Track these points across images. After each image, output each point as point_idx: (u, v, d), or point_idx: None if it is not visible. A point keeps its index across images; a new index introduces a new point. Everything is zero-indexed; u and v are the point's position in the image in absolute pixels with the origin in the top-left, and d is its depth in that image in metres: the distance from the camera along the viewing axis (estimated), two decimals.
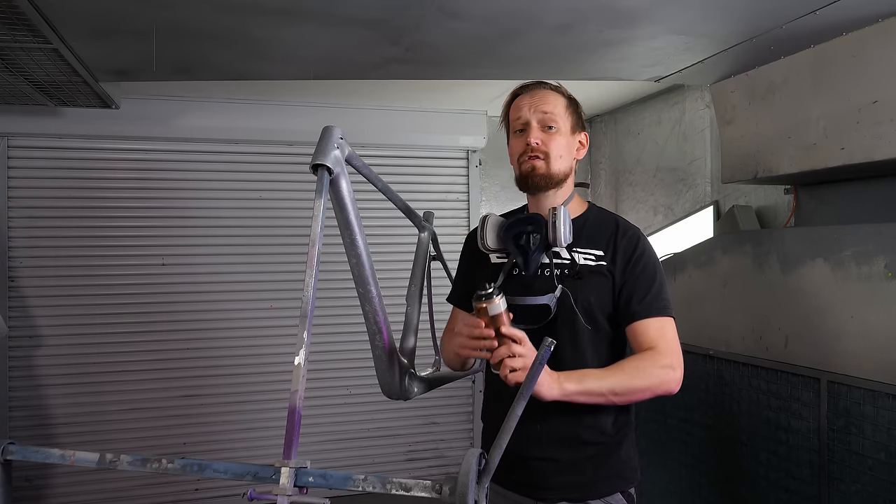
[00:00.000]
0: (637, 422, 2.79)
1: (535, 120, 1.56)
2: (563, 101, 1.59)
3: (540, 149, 1.54)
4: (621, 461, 1.57)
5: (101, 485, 3.38)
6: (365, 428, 3.76)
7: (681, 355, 1.49)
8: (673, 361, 1.46)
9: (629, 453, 1.59)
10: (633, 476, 1.59)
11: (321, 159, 1.23)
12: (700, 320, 2.47)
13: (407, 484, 0.98)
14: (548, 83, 1.62)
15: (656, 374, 1.44)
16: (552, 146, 1.55)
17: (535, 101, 1.57)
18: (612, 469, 1.55)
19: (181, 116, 3.44)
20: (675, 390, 1.46)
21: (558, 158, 1.55)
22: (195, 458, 1.09)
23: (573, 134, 1.59)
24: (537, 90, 1.59)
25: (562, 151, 1.56)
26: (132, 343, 3.46)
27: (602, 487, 1.53)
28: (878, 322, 1.81)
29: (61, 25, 1.96)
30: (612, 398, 1.42)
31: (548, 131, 1.55)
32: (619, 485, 1.55)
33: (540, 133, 1.55)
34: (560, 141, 1.56)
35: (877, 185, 2.28)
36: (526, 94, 1.60)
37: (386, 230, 3.55)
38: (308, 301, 1.09)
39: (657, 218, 3.67)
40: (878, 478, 1.79)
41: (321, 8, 1.90)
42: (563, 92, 1.62)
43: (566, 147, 1.57)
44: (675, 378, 1.45)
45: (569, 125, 1.58)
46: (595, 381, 1.41)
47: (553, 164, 1.55)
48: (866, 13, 1.93)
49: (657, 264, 1.56)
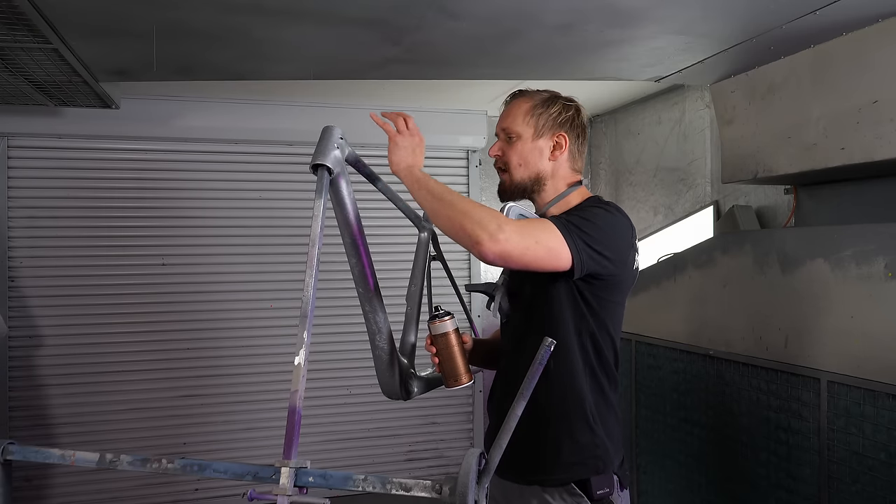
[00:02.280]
0: (636, 420, 2.80)
1: (500, 133, 1.61)
2: (525, 107, 1.58)
3: (500, 160, 1.61)
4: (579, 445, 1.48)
5: (101, 485, 3.38)
6: (365, 428, 3.75)
7: (526, 236, 1.34)
8: (509, 224, 1.34)
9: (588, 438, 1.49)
10: (595, 464, 1.48)
11: (321, 159, 1.24)
12: (700, 320, 2.47)
13: (407, 484, 0.98)
14: (523, 91, 1.63)
15: (482, 214, 1.34)
16: (510, 156, 1.58)
17: (502, 114, 1.62)
18: (568, 453, 1.47)
19: (181, 116, 3.44)
20: (487, 247, 1.30)
21: (518, 167, 1.57)
22: (195, 458, 1.09)
23: (538, 138, 1.57)
24: (510, 101, 1.62)
25: (520, 160, 1.57)
26: (132, 343, 3.45)
27: (559, 471, 1.47)
28: (878, 322, 1.80)
29: (61, 25, 1.96)
30: (435, 204, 1.40)
31: (509, 142, 1.59)
32: (578, 472, 1.47)
33: (500, 145, 1.61)
34: (517, 149, 1.57)
35: (877, 185, 2.28)
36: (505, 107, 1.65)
37: (386, 230, 3.55)
38: (308, 301, 1.09)
39: (657, 218, 3.67)
40: (878, 478, 1.79)
41: (321, 8, 1.90)
42: (532, 95, 1.60)
43: (526, 154, 1.57)
44: (493, 232, 1.30)
45: (530, 130, 1.57)
46: (436, 183, 1.45)
47: (514, 174, 1.58)
48: (866, 13, 1.93)
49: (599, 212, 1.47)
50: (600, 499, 1.46)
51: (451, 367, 1.52)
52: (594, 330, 1.50)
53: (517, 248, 1.33)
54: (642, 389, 2.77)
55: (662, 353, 2.66)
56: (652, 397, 2.71)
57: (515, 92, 1.63)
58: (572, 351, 1.49)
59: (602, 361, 1.52)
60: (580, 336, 1.49)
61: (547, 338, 1.03)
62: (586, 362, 1.50)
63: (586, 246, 1.39)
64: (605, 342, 1.52)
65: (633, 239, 1.52)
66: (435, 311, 1.56)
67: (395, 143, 1.51)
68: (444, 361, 1.53)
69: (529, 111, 1.58)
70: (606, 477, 1.48)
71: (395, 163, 1.49)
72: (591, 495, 1.46)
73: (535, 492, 1.50)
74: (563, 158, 1.58)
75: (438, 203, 1.40)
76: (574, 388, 1.49)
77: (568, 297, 1.47)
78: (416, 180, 1.45)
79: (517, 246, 1.33)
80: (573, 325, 1.48)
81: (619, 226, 1.48)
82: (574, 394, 1.49)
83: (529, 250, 1.35)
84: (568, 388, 1.49)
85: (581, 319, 1.48)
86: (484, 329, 3.72)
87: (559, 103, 1.60)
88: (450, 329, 1.52)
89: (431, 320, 1.54)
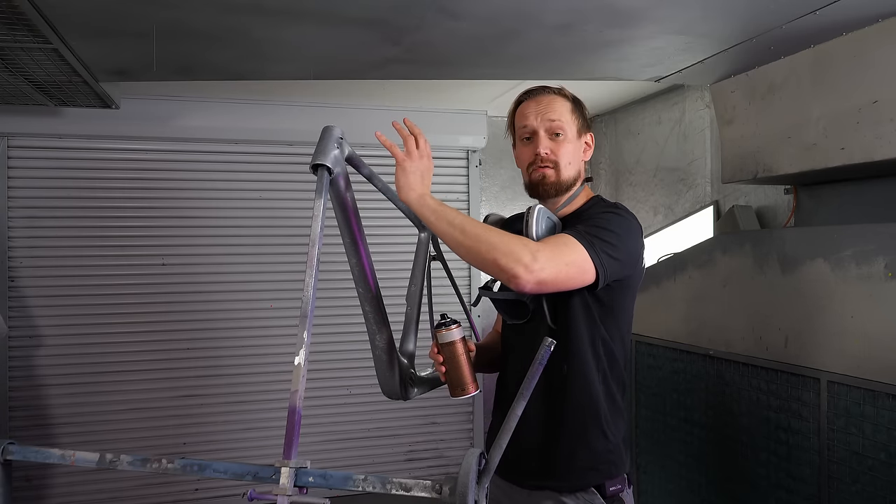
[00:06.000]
0: (636, 420, 2.80)
1: (543, 128, 1.55)
2: (568, 106, 1.57)
3: (549, 158, 1.54)
4: (593, 451, 1.49)
5: (101, 485, 3.38)
6: (365, 428, 3.76)
7: (558, 260, 1.33)
8: (540, 251, 1.30)
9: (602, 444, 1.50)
10: (608, 470, 1.50)
11: (321, 159, 1.24)
12: (700, 320, 2.47)
13: (407, 484, 0.98)
14: (551, 87, 1.60)
15: (512, 246, 1.30)
16: (561, 154, 1.54)
17: (541, 109, 1.55)
18: (583, 459, 1.49)
19: (181, 116, 3.44)
20: (524, 280, 1.29)
21: (567, 166, 1.55)
22: (195, 458, 1.09)
23: (579, 138, 1.59)
24: (542, 96, 1.57)
25: (570, 158, 1.55)
26: (132, 343, 3.45)
27: (573, 478, 1.48)
28: (878, 322, 1.81)
29: (61, 25, 1.96)
30: (459, 236, 1.33)
31: (555, 139, 1.54)
32: (593, 478, 1.49)
33: (548, 142, 1.54)
34: (568, 148, 1.55)
35: (877, 185, 2.28)
36: (531, 101, 1.58)
37: (386, 230, 3.55)
38: (308, 301, 1.09)
39: (657, 218, 3.67)
40: (878, 478, 1.79)
41: (321, 8, 1.90)
42: (567, 95, 1.60)
43: (574, 153, 1.57)
44: (529, 264, 1.28)
45: (575, 130, 1.57)
46: (454, 212, 1.36)
47: (563, 172, 1.55)
48: (866, 13, 1.93)
49: (612, 217, 1.46)
50: (612, 495, 1.49)
51: (458, 376, 1.50)
52: (606, 336, 1.50)
53: (551, 274, 1.32)
54: (642, 389, 2.77)
55: (662, 353, 2.66)
56: (652, 397, 2.71)
57: (539, 87, 1.60)
58: (587, 362, 1.49)
59: (613, 368, 1.53)
60: (594, 345, 1.49)
61: (547, 338, 1.03)
62: (599, 369, 1.50)
63: (608, 256, 1.38)
64: (617, 346, 1.52)
65: (643, 238, 1.55)
66: (441, 318, 1.52)
67: (402, 167, 1.40)
68: (450, 371, 1.50)
69: (573, 110, 1.57)
70: (619, 477, 1.51)
71: (403, 189, 1.39)
72: (605, 493, 1.48)
73: (548, 495, 1.50)
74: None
75: (462, 236, 1.33)
76: (589, 396, 1.50)
77: (581, 306, 1.47)
78: (432, 211, 1.36)
79: (551, 273, 1.31)
80: (587, 334, 1.49)
81: (632, 229, 1.49)
82: (589, 402, 1.50)
83: (562, 273, 1.34)
84: (583, 397, 1.50)
85: (593, 326, 1.49)
86: (484, 329, 3.72)
87: (583, 103, 1.62)
88: (457, 338, 1.49)
89: (438, 328, 1.50)
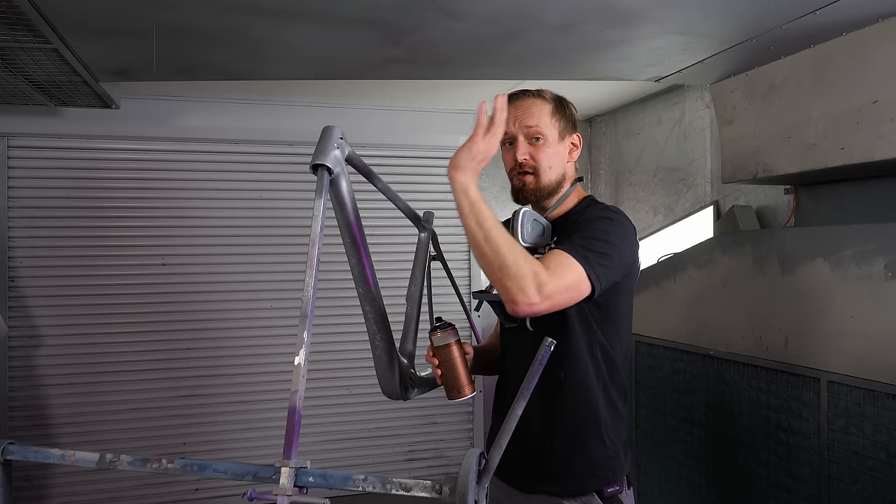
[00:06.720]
0: (636, 420, 2.79)
1: (522, 134, 1.53)
2: (548, 109, 1.54)
3: (528, 164, 1.53)
4: (591, 458, 1.50)
5: (101, 485, 3.38)
6: (365, 428, 3.75)
7: (560, 288, 1.30)
8: (545, 286, 1.27)
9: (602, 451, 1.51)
10: (607, 475, 1.50)
11: (321, 159, 1.23)
12: (700, 320, 2.47)
13: (407, 484, 0.98)
14: (530, 91, 1.57)
15: (523, 272, 1.27)
16: (541, 159, 1.52)
17: (518, 114, 1.53)
18: (582, 466, 1.49)
19: (181, 116, 3.45)
20: (521, 310, 1.28)
21: (548, 170, 1.53)
22: (195, 458, 1.09)
23: (562, 140, 1.55)
24: (521, 101, 1.55)
25: (551, 162, 1.53)
26: (132, 343, 3.45)
27: (572, 484, 1.49)
28: (878, 322, 1.80)
29: (61, 25, 1.96)
30: (481, 240, 1.30)
31: (535, 143, 1.52)
32: (593, 483, 1.49)
33: (527, 147, 1.53)
34: (548, 152, 1.52)
35: (877, 185, 2.28)
36: (511, 106, 1.53)
37: (386, 230, 3.54)
38: (308, 301, 1.09)
39: (657, 218, 3.67)
40: (878, 478, 1.79)
41: (321, 8, 1.90)
42: (547, 97, 1.56)
43: (555, 156, 1.54)
44: (531, 296, 1.26)
45: (556, 132, 1.54)
46: (487, 213, 1.31)
47: (543, 178, 1.53)
48: (866, 13, 1.93)
49: (605, 224, 1.44)
50: (610, 497, 1.49)
51: (453, 378, 1.50)
52: (604, 342, 1.49)
53: (548, 306, 1.30)
54: (642, 389, 2.77)
55: (662, 353, 2.66)
56: (652, 397, 2.71)
57: (519, 92, 1.57)
58: (586, 369, 1.48)
59: (614, 375, 1.52)
60: (591, 351, 1.49)
61: (547, 338, 1.03)
62: (599, 377, 1.50)
63: (603, 267, 1.36)
64: (617, 352, 1.52)
65: (637, 239, 1.52)
66: (437, 321, 1.53)
67: (473, 141, 1.36)
68: (446, 373, 1.51)
69: (553, 112, 1.54)
70: (618, 479, 1.51)
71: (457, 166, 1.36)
72: (602, 494, 1.48)
73: (547, 499, 1.50)
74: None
75: (484, 241, 1.30)
76: (589, 404, 1.49)
77: (577, 311, 1.46)
78: (471, 203, 1.33)
79: (549, 305, 1.29)
80: (584, 340, 1.48)
81: (626, 234, 1.47)
82: (589, 410, 1.49)
83: (559, 301, 1.31)
84: (583, 405, 1.49)
85: (590, 332, 1.48)
86: (484, 329, 3.72)
87: (568, 103, 1.59)
88: (452, 341, 1.50)
89: (433, 332, 1.51)
